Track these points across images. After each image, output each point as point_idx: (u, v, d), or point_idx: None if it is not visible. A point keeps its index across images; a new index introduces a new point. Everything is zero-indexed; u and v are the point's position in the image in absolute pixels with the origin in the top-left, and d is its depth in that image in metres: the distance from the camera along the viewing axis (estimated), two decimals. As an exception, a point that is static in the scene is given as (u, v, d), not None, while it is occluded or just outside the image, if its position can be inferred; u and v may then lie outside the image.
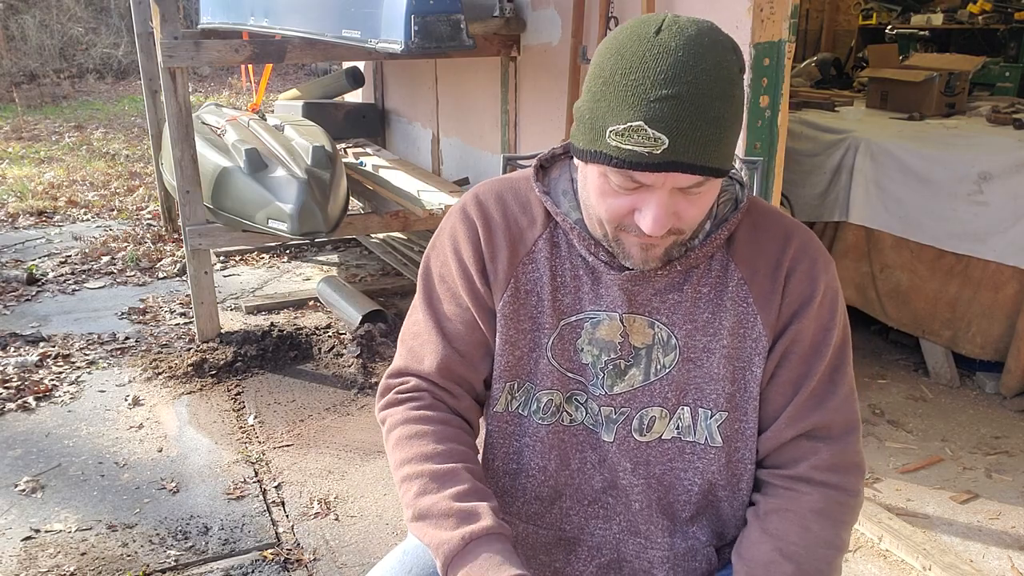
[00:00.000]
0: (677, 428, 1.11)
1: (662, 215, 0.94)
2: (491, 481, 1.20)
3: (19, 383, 3.15)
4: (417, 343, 1.17)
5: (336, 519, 2.39)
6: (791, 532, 1.04)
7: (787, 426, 1.08)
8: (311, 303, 3.94)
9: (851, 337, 1.12)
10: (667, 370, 1.09)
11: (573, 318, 1.11)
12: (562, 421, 1.13)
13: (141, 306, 3.97)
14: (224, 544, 2.27)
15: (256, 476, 2.59)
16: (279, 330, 3.49)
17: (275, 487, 2.54)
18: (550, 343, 1.11)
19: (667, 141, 0.89)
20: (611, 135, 0.92)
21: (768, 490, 1.10)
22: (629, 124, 0.90)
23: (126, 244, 4.89)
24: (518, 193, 1.14)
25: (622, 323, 1.09)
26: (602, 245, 1.07)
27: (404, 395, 1.15)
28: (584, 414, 1.13)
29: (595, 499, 1.16)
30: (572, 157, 1.13)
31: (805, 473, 1.07)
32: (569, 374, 1.12)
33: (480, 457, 1.18)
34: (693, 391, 1.10)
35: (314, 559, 2.22)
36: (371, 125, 5.73)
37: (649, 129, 0.89)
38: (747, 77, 2.40)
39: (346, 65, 5.67)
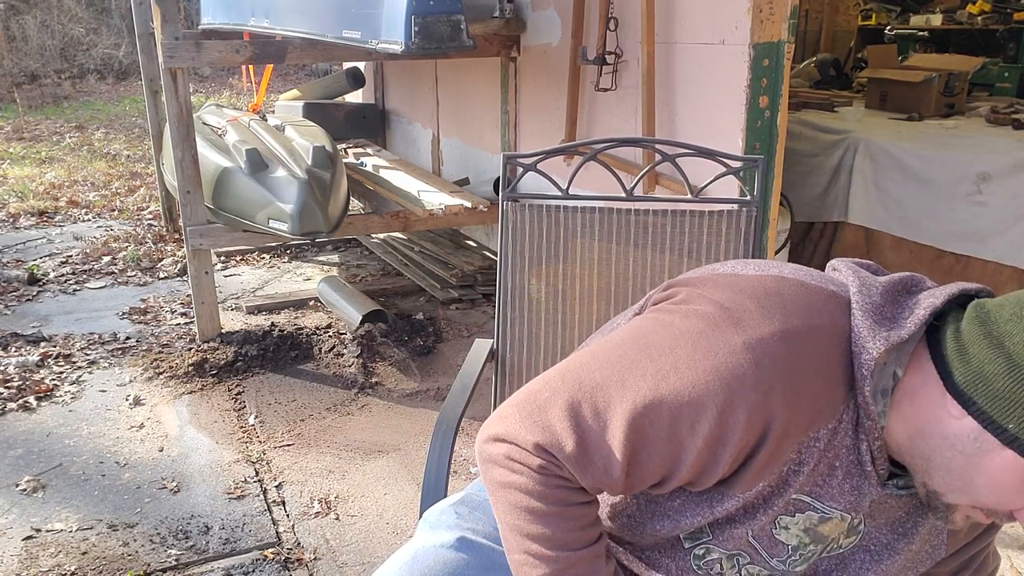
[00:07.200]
0: None
1: None
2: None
3: (20, 383, 3.16)
4: (594, 447, 0.89)
5: (337, 518, 2.40)
6: None
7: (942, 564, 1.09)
8: (312, 303, 3.95)
9: None
10: (840, 550, 1.01)
11: (793, 495, 0.93)
12: (711, 570, 1.02)
13: (142, 306, 3.98)
14: (225, 543, 2.28)
15: (257, 475, 2.60)
16: (280, 330, 3.49)
17: (276, 486, 2.55)
18: (759, 522, 0.96)
19: None
20: None
21: None
22: None
23: (127, 244, 4.90)
24: (819, 372, 0.87)
25: (848, 526, 0.98)
26: (888, 459, 0.91)
27: (546, 473, 0.91)
28: (735, 570, 1.02)
29: None
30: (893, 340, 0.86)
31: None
32: (752, 539, 0.97)
33: None
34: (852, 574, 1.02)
35: (315, 558, 2.23)
36: (371, 125, 5.73)
37: None
38: (747, 77, 2.40)
39: (346, 65, 5.68)
